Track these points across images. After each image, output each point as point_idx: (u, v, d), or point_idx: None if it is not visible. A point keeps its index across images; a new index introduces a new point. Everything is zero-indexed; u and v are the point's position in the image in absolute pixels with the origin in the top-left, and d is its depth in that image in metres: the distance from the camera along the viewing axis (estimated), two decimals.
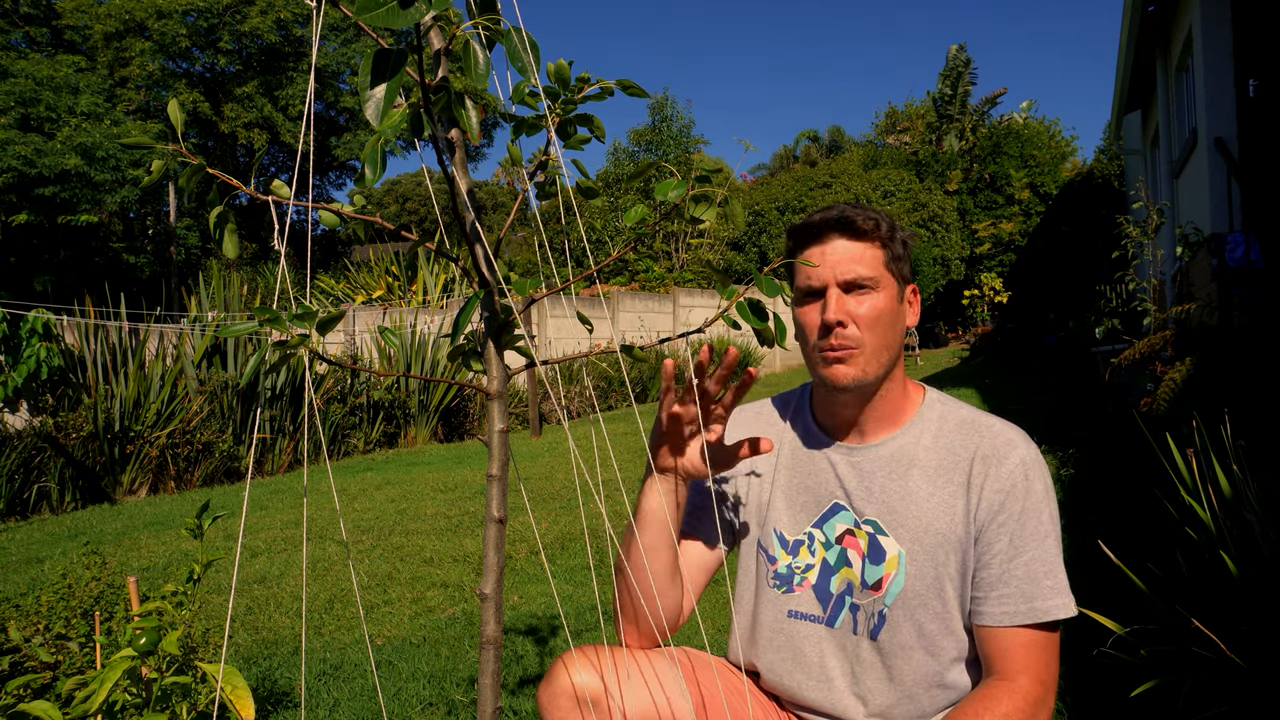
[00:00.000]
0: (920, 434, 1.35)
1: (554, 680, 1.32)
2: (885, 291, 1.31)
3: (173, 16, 20.66)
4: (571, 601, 3.61)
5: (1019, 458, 1.29)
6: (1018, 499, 1.27)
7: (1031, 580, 1.25)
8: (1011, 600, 1.25)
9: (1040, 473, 1.29)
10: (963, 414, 1.37)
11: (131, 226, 21.23)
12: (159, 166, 0.86)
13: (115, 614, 2.08)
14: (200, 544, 2.02)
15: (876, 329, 1.30)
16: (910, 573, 1.30)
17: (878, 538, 1.33)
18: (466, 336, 1.02)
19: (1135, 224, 6.91)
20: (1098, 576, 2.90)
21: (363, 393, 9.60)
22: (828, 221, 1.32)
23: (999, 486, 1.28)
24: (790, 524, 1.40)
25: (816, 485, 1.39)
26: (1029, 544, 1.26)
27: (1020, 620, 1.24)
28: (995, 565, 1.26)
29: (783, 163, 32.43)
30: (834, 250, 1.31)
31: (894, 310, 1.32)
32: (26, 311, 6.60)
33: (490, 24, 0.82)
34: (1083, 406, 7.49)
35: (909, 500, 1.32)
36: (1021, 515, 1.26)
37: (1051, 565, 1.26)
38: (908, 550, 1.30)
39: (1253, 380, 3.89)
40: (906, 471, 1.33)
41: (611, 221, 20.14)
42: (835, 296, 1.30)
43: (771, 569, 1.41)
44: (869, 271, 1.30)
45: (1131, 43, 9.08)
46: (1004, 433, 1.32)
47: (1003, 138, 20.70)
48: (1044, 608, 1.24)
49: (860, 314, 1.30)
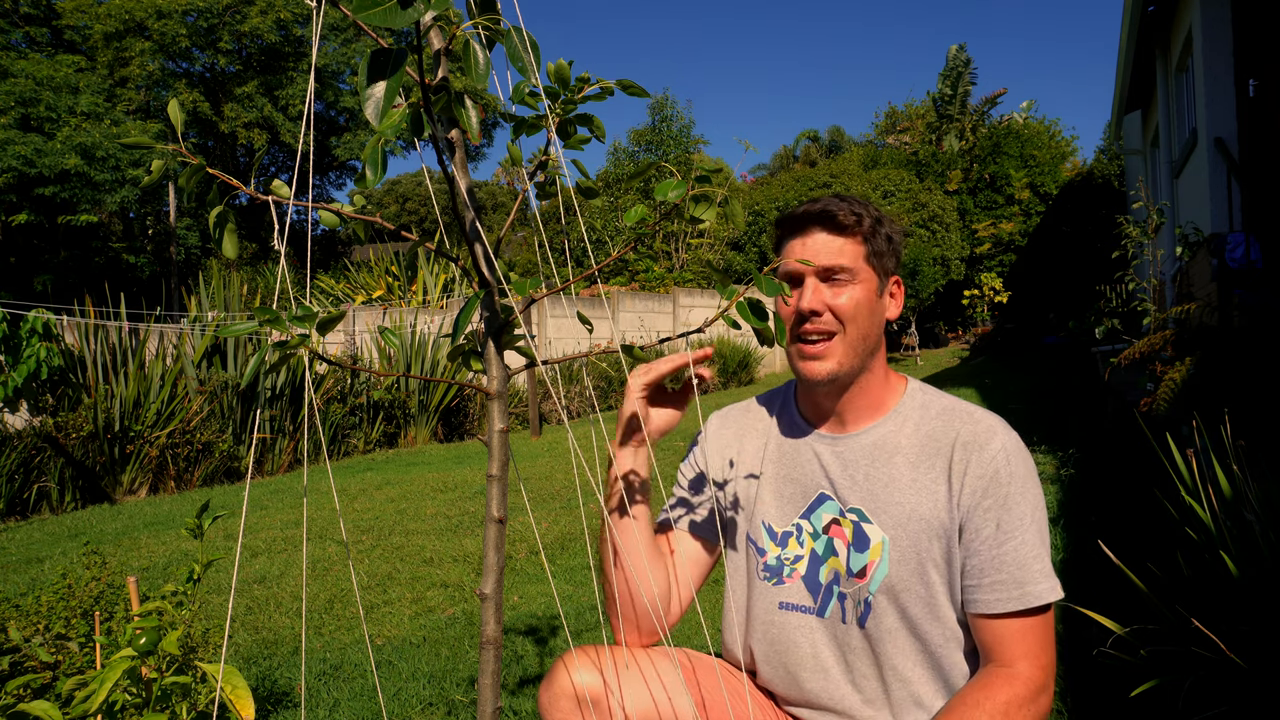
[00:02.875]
0: (903, 422, 1.36)
1: (554, 681, 1.32)
2: (864, 284, 1.33)
3: (173, 16, 20.65)
4: (571, 601, 3.61)
5: (1000, 443, 1.30)
6: (1001, 484, 1.28)
7: (1021, 565, 1.25)
8: (1004, 587, 1.25)
9: (1021, 458, 1.30)
10: (944, 402, 1.38)
11: (131, 226, 21.23)
12: (159, 166, 0.86)
13: (115, 614, 2.08)
14: (200, 544, 2.02)
15: (854, 319, 1.32)
16: (893, 559, 1.31)
17: (862, 525, 1.34)
18: (466, 336, 1.02)
19: (1135, 224, 6.91)
20: (1098, 576, 2.90)
21: (363, 393, 9.60)
22: (810, 215, 1.35)
23: (981, 472, 1.29)
24: (778, 516, 1.41)
25: (802, 476, 1.40)
26: (1015, 529, 1.27)
27: (1013, 606, 1.25)
28: (985, 551, 1.27)
29: (783, 163, 32.42)
30: (814, 242, 1.34)
31: (872, 302, 1.34)
32: (26, 311, 6.59)
33: (490, 24, 0.82)
34: (1083, 406, 7.49)
35: (892, 487, 1.33)
36: (1006, 500, 1.27)
37: (1038, 550, 1.27)
38: (891, 537, 1.31)
39: (1253, 380, 3.89)
40: (889, 459, 1.34)
41: (611, 221, 20.13)
42: (812, 286, 1.32)
43: (761, 561, 1.42)
44: (849, 263, 1.32)
45: (1131, 43, 9.07)
46: (984, 419, 1.33)
47: (1003, 138, 20.69)
48: (1035, 592, 1.25)
49: (837, 304, 1.32)
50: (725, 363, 15.28)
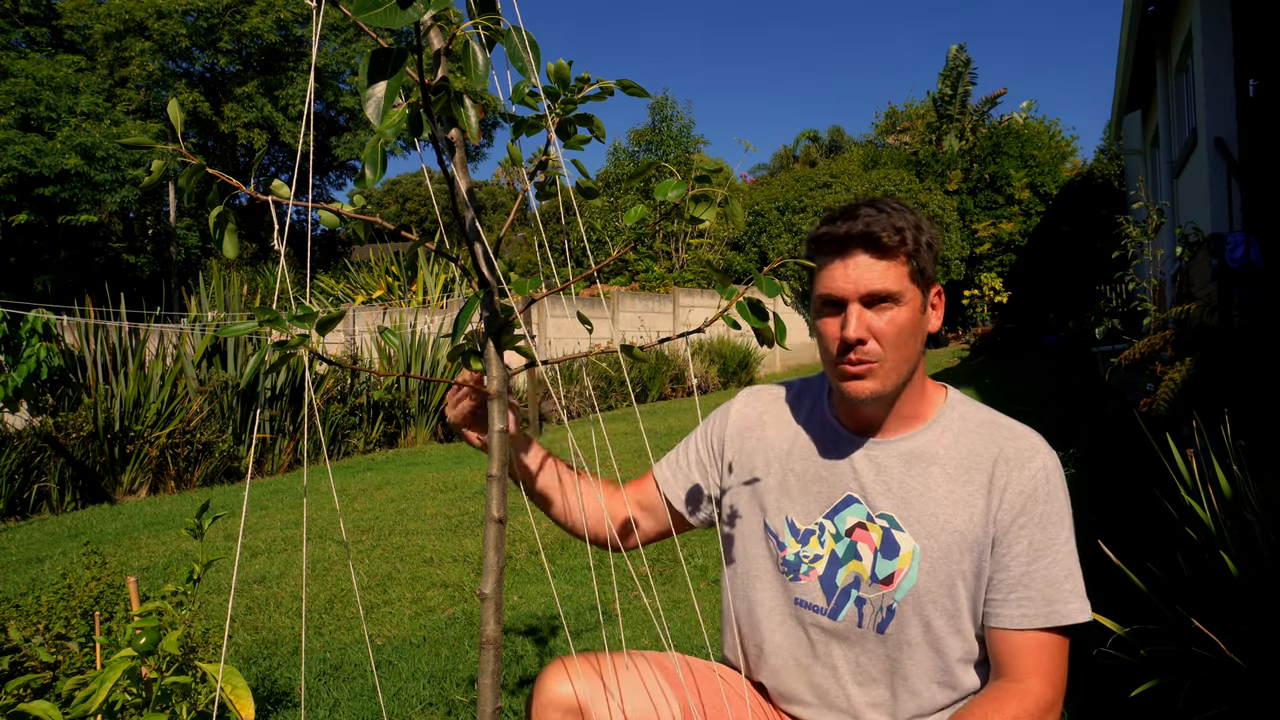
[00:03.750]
0: (941, 433, 1.35)
1: (542, 691, 1.31)
2: (909, 305, 1.28)
3: (173, 16, 20.64)
4: (571, 601, 3.61)
5: (1041, 463, 1.30)
6: (1039, 503, 1.27)
7: (1051, 584, 1.25)
8: (1032, 603, 1.25)
9: (1060, 479, 1.30)
10: (983, 415, 1.37)
11: (131, 226, 21.22)
12: (159, 166, 0.86)
13: (115, 614, 2.08)
14: (200, 544, 2.02)
15: (899, 344, 1.28)
16: (923, 569, 1.30)
17: (892, 532, 1.32)
18: (466, 336, 1.02)
19: (1135, 224, 6.91)
20: (1098, 576, 2.90)
21: (363, 393, 9.59)
22: (851, 236, 1.27)
23: (1021, 489, 1.28)
24: (802, 513, 1.40)
25: (830, 476, 1.39)
26: (1049, 548, 1.26)
27: (1038, 623, 1.24)
28: (1015, 568, 1.26)
29: (783, 163, 32.39)
30: (856, 265, 1.27)
31: (916, 322, 1.30)
32: (26, 311, 6.59)
33: (490, 24, 0.82)
34: (1083, 406, 7.49)
35: (927, 497, 1.31)
36: (1043, 519, 1.27)
37: (1071, 569, 1.26)
38: (922, 547, 1.30)
39: (1253, 380, 3.89)
40: (926, 469, 1.33)
41: (611, 221, 20.12)
42: (856, 312, 1.27)
43: (781, 555, 1.40)
44: (894, 287, 1.27)
45: (1131, 43, 9.07)
46: (1026, 436, 1.33)
47: (1003, 138, 20.69)
48: (1063, 611, 1.24)
49: (881, 328, 1.27)
50: (725, 363, 15.28)
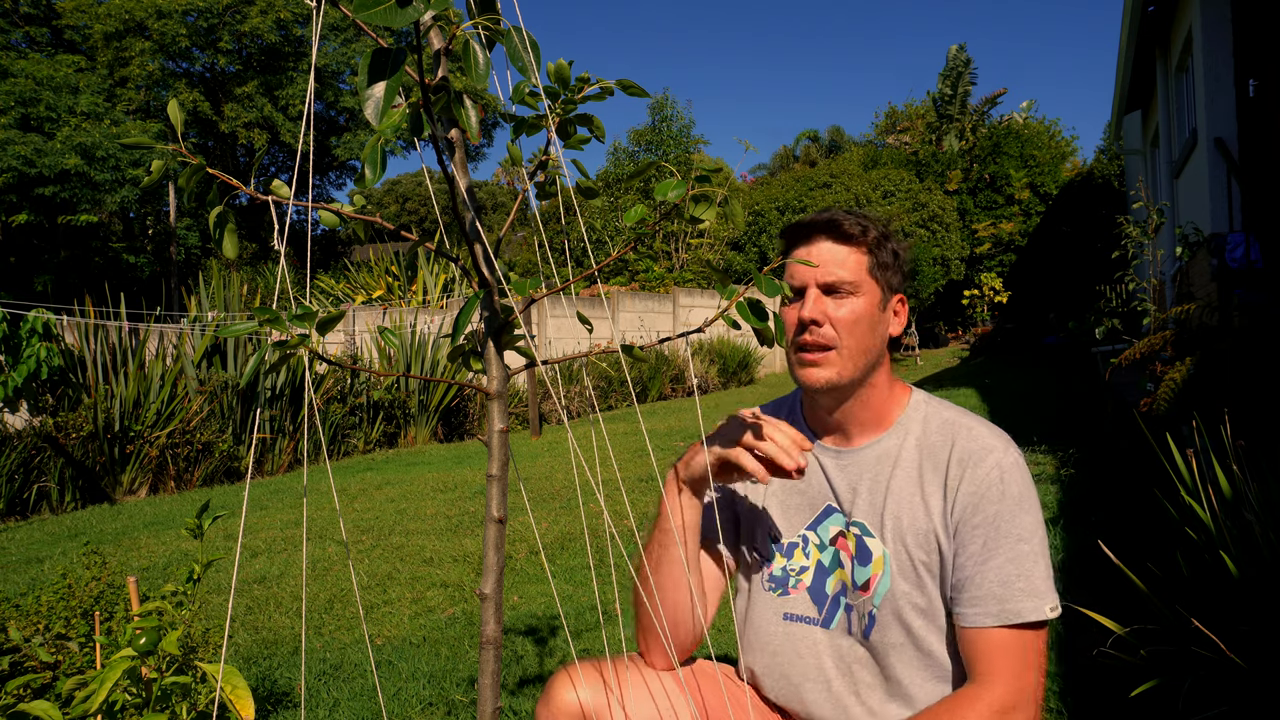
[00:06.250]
0: (905, 435, 1.36)
1: (552, 698, 1.32)
2: (866, 297, 1.33)
3: (173, 16, 20.64)
4: (571, 601, 3.61)
5: (994, 461, 1.28)
6: (991, 502, 1.27)
7: (1003, 583, 1.24)
8: (983, 602, 1.25)
9: (1017, 476, 1.28)
10: (946, 415, 1.37)
11: (131, 226, 21.22)
12: (159, 166, 0.86)
13: (115, 614, 2.08)
14: (200, 544, 2.02)
15: (854, 332, 1.31)
16: (895, 573, 1.31)
17: (864, 539, 1.34)
18: (466, 336, 1.02)
19: (1135, 224, 6.91)
20: (1098, 576, 2.90)
21: (363, 393, 9.59)
22: (816, 224, 1.35)
23: (972, 489, 1.28)
24: (785, 526, 1.41)
25: (809, 488, 1.40)
26: (1002, 547, 1.25)
27: (990, 622, 1.24)
28: (969, 567, 1.26)
29: (783, 163, 32.41)
30: (819, 251, 1.34)
31: (873, 315, 1.33)
32: (26, 311, 6.59)
33: (490, 24, 0.82)
34: (1083, 406, 7.48)
35: (893, 501, 1.33)
36: (995, 519, 1.26)
37: (1026, 568, 1.25)
38: (892, 551, 1.31)
39: (1253, 380, 3.89)
40: (891, 473, 1.34)
41: (611, 221, 20.13)
42: (814, 296, 1.32)
43: (767, 571, 1.41)
44: (850, 275, 1.32)
45: (1131, 43, 9.07)
46: (983, 436, 1.32)
47: (1003, 138, 20.69)
48: (1015, 609, 1.23)
49: (838, 316, 1.31)
50: (725, 363, 15.29)
